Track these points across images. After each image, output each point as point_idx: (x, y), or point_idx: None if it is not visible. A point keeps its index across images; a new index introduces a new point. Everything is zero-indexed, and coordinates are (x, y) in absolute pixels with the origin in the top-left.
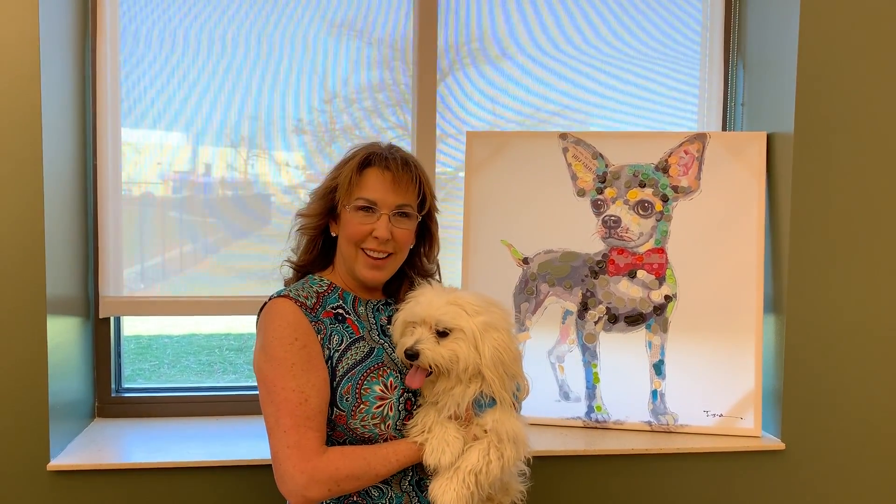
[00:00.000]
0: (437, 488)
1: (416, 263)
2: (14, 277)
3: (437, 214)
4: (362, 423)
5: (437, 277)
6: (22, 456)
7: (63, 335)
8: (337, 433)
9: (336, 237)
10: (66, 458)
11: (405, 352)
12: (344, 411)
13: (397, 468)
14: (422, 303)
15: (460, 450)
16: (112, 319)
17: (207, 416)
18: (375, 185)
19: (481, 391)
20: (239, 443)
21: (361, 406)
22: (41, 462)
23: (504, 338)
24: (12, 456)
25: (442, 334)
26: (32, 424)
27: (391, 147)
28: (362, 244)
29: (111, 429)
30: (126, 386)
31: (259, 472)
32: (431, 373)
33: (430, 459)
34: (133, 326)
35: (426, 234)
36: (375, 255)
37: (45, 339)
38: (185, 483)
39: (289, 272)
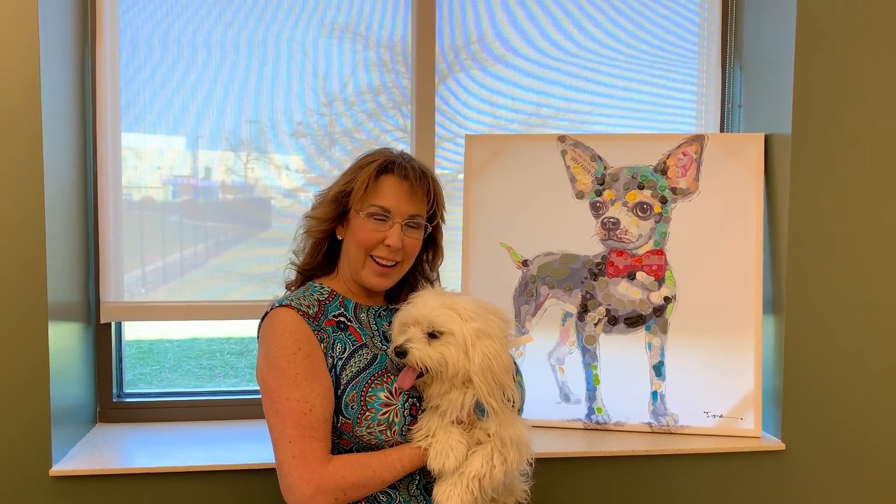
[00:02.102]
0: (441, 493)
1: (418, 269)
2: (15, 283)
3: (443, 224)
4: (368, 431)
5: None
6: (24, 462)
7: (64, 341)
8: (343, 441)
9: (341, 241)
10: (67, 463)
11: (394, 349)
12: (349, 419)
13: (402, 474)
14: (418, 304)
15: (464, 454)
16: (113, 324)
17: (209, 421)
18: (391, 193)
19: None
20: (240, 447)
21: (367, 413)
22: (43, 468)
23: (496, 346)
24: (14, 462)
25: (433, 336)
26: (34, 430)
27: (404, 155)
28: (372, 251)
29: (113, 434)
30: (127, 391)
31: (260, 477)
32: (423, 374)
33: (434, 464)
34: (134, 331)
35: (431, 243)
36: (384, 262)
37: (46, 345)
38: (186, 487)
39: (291, 274)
